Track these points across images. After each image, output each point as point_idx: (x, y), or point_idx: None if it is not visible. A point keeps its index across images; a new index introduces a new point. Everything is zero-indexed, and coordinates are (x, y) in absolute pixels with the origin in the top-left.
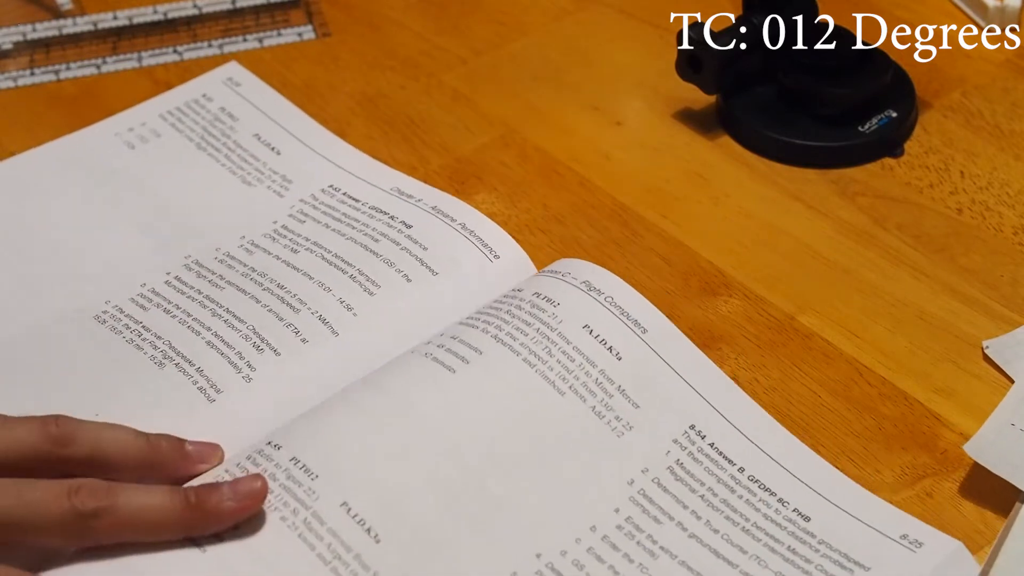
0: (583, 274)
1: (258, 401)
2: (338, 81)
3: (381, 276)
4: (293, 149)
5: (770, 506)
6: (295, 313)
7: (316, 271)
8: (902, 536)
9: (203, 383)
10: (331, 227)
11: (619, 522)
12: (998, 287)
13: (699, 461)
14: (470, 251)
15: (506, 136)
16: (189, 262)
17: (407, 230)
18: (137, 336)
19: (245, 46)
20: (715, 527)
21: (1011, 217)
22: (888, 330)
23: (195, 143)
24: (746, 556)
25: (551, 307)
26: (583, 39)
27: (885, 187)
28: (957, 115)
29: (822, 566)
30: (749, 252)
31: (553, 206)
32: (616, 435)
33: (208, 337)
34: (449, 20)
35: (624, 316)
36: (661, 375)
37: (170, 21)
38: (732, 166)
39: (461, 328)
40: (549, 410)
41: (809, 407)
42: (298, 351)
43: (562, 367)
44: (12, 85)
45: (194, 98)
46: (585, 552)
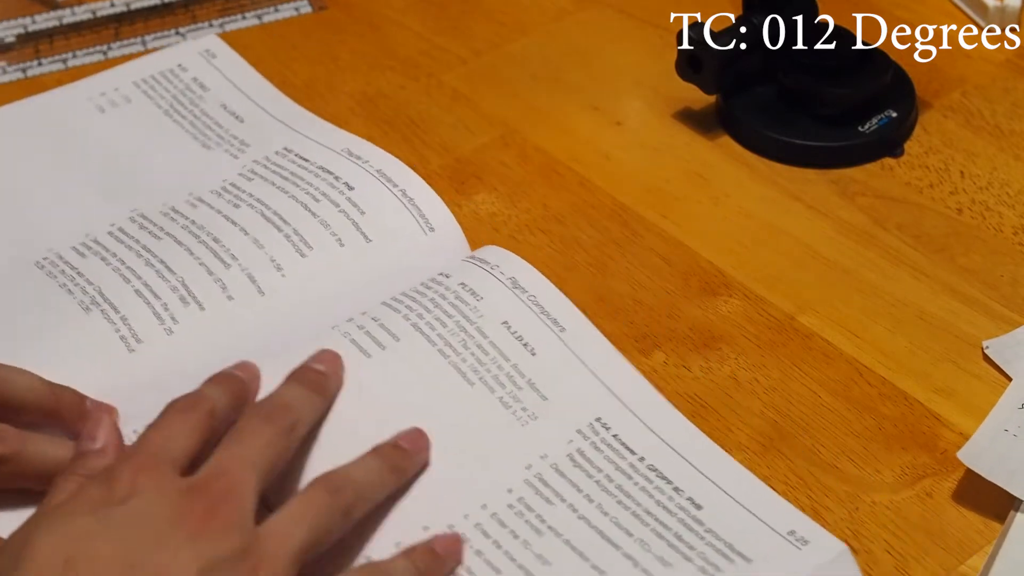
0: (511, 270)
1: (176, 355)
2: (338, 81)
3: (315, 238)
4: (257, 117)
5: (664, 493)
6: (226, 268)
7: (253, 227)
8: (789, 532)
9: (125, 332)
10: (276, 184)
11: (511, 501)
12: (998, 287)
13: (600, 450)
14: (406, 221)
15: (506, 136)
16: (134, 215)
17: (348, 192)
18: (70, 281)
19: (244, 24)
20: (605, 510)
21: (1011, 217)
22: (888, 330)
23: (163, 109)
24: (631, 539)
25: (474, 300)
26: (583, 39)
27: (885, 187)
28: (957, 115)
29: (704, 554)
30: (749, 252)
31: (553, 206)
32: (520, 424)
33: (137, 286)
34: (449, 20)
35: (544, 315)
36: (573, 371)
37: (167, 4)
38: (732, 166)
39: (384, 310)
40: (456, 398)
41: (809, 407)
42: (222, 308)
43: (475, 359)
44: (23, 76)
45: (169, 67)
46: (472, 527)
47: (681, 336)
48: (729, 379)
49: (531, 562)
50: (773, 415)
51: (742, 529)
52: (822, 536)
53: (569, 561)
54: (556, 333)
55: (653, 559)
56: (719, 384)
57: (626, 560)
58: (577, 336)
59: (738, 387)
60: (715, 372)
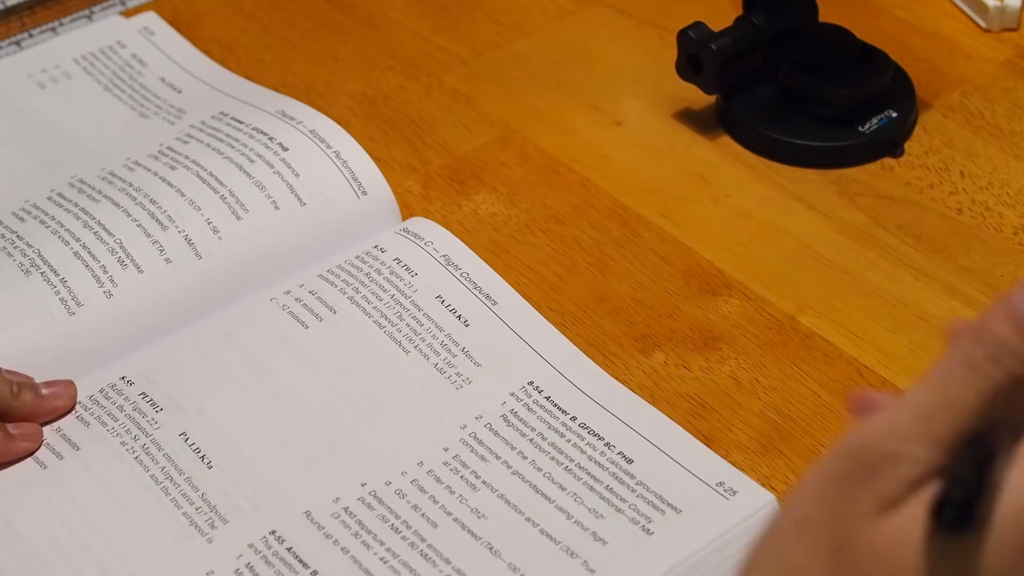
0: (444, 246)
1: (116, 317)
2: (338, 81)
3: (250, 200)
4: (194, 88)
5: (596, 448)
6: (163, 230)
7: (189, 188)
8: (718, 483)
9: (65, 294)
10: (212, 146)
11: (446, 459)
12: (998, 287)
13: (533, 411)
14: (340, 185)
15: (506, 136)
16: (74, 180)
17: (283, 152)
18: (10, 244)
19: None
20: (539, 466)
21: (1011, 217)
22: (888, 330)
23: (103, 85)
24: (564, 493)
25: (409, 276)
26: (583, 39)
27: (885, 187)
28: (957, 115)
29: (635, 505)
30: (749, 252)
31: (553, 206)
32: (455, 388)
33: (76, 248)
34: (449, 20)
35: (477, 291)
36: (506, 340)
37: None
38: (732, 166)
39: (320, 283)
40: (392, 365)
41: (809, 407)
42: (161, 270)
43: (410, 329)
44: (17, 49)
45: (109, 44)
46: (409, 483)
47: (681, 336)
48: (729, 379)
49: (467, 516)
50: (773, 415)
51: (672, 481)
52: (751, 487)
53: (504, 514)
54: (488, 306)
55: (586, 511)
56: (719, 384)
57: (559, 513)
58: (508, 309)
59: (738, 387)
60: (715, 372)
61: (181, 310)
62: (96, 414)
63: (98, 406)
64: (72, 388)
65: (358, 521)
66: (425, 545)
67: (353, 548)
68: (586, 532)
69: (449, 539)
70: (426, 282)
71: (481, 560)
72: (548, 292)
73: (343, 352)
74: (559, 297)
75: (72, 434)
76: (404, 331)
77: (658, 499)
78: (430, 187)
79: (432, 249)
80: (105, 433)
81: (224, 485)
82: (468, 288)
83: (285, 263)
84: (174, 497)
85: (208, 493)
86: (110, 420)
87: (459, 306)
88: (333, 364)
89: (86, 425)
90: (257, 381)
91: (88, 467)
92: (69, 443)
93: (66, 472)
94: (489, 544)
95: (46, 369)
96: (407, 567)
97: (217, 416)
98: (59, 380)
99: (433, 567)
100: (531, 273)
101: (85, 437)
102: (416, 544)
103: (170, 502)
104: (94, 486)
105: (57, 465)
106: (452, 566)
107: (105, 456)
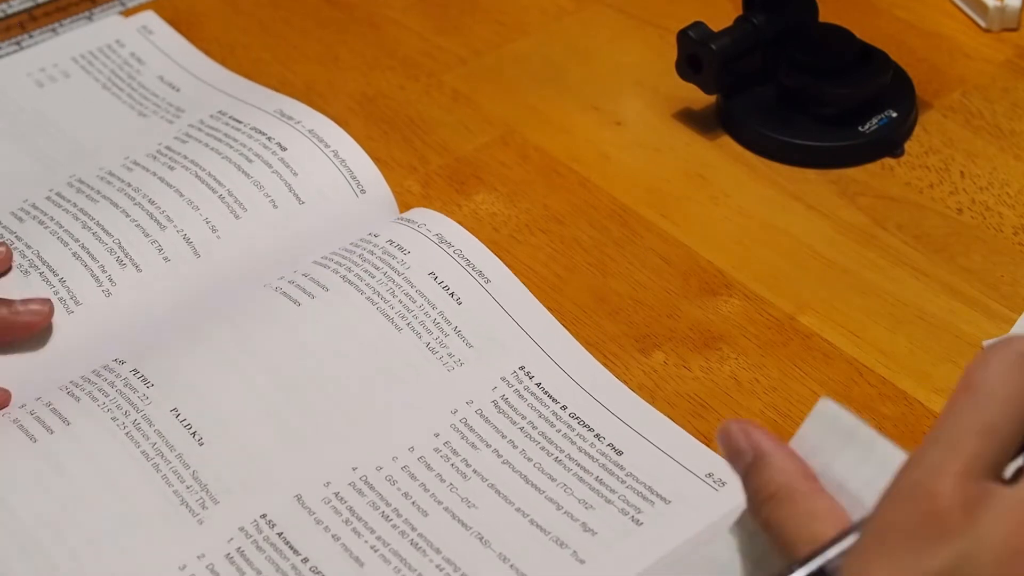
0: (438, 227)
1: (115, 317)
2: (338, 81)
3: (249, 199)
4: (193, 87)
5: (586, 440)
6: (161, 230)
7: (188, 188)
8: (707, 474)
9: (64, 294)
10: (210, 146)
11: (437, 445)
12: (998, 287)
13: (523, 398)
14: (338, 184)
15: (506, 136)
16: (72, 180)
17: (282, 152)
18: (9, 244)
19: None
20: (529, 456)
21: (1011, 217)
22: (888, 330)
23: (101, 83)
24: (554, 483)
25: (401, 254)
26: (583, 39)
27: (885, 187)
28: (957, 115)
29: (625, 496)
30: (749, 252)
31: (553, 206)
32: (447, 369)
33: (75, 248)
34: (449, 20)
35: (470, 267)
36: (498, 321)
37: None
38: (732, 166)
39: (313, 267)
40: (384, 342)
41: (809, 407)
42: (160, 270)
43: (403, 306)
44: (18, 49)
45: (107, 43)
46: (399, 469)
47: (681, 336)
48: (729, 379)
49: (457, 505)
50: (773, 415)
51: (661, 472)
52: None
53: (494, 504)
54: (481, 284)
55: (575, 502)
56: (719, 384)
57: (549, 503)
58: (501, 288)
59: (738, 387)
60: (715, 372)
61: (180, 308)
62: (87, 390)
63: (89, 383)
64: (48, 305)
65: (349, 507)
66: (416, 534)
67: (344, 535)
68: (576, 523)
69: (439, 528)
70: (419, 259)
71: (471, 550)
72: (548, 292)
73: (335, 329)
74: (559, 297)
75: (63, 408)
76: (397, 308)
77: (647, 490)
78: (430, 187)
79: (425, 230)
80: (96, 408)
81: (215, 464)
82: (461, 265)
83: (283, 261)
84: (165, 474)
85: (199, 471)
86: (101, 395)
87: (452, 283)
88: (325, 341)
89: (77, 400)
90: (249, 357)
91: (79, 442)
92: (60, 417)
93: (56, 447)
94: (479, 534)
95: (46, 369)
96: (397, 556)
97: (208, 393)
98: (35, 297)
99: (423, 556)
100: (531, 273)
101: (76, 412)
102: (407, 533)
103: (161, 479)
104: (84, 461)
105: (47, 439)
106: (442, 556)
107: (96, 431)
